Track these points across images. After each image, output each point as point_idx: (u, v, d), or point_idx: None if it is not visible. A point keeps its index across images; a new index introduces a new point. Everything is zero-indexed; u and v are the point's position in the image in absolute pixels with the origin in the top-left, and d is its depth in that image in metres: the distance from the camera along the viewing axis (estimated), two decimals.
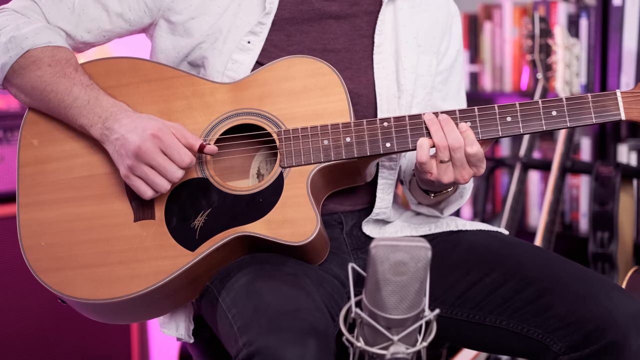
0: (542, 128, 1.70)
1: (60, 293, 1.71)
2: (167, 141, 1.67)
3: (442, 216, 1.92)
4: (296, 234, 1.68)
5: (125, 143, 1.67)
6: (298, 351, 1.45)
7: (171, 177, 1.68)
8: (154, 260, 1.70)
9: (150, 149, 1.66)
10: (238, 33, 1.79)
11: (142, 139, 1.66)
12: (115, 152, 1.70)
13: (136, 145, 1.66)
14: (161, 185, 1.68)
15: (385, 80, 1.83)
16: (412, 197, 1.92)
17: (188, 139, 1.69)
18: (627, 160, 3.19)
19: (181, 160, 1.67)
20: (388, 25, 1.85)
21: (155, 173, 1.67)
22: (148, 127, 1.67)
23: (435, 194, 1.82)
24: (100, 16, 1.82)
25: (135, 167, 1.67)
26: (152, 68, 1.80)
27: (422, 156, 1.68)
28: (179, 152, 1.67)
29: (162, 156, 1.67)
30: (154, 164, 1.66)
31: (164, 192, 1.69)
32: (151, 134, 1.66)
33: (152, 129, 1.67)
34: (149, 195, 1.69)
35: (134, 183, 1.69)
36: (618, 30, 3.16)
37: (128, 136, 1.67)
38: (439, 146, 1.68)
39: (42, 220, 1.75)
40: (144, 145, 1.66)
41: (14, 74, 1.78)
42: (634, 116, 1.69)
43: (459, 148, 1.68)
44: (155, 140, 1.66)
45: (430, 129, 1.69)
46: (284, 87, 1.75)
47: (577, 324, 1.63)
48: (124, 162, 1.68)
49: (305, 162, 1.72)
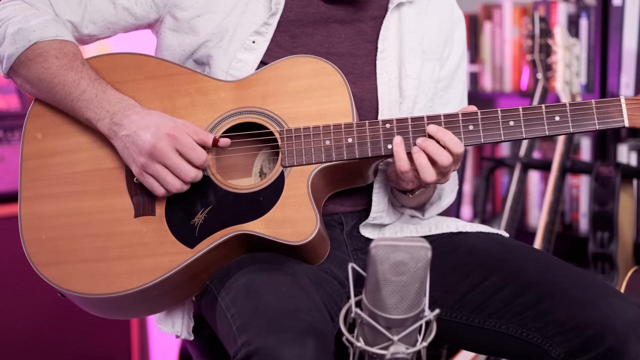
0: (544, 133, 1.70)
1: (59, 287, 1.72)
2: (183, 140, 1.66)
3: (424, 218, 1.91)
4: (295, 234, 1.67)
5: (137, 140, 1.67)
6: (297, 351, 1.45)
7: (185, 177, 1.67)
8: (153, 256, 1.70)
9: (165, 148, 1.66)
10: (244, 32, 1.79)
11: (157, 137, 1.66)
12: (125, 148, 1.70)
13: (151, 144, 1.66)
14: (173, 184, 1.67)
15: (387, 85, 1.83)
16: (396, 200, 1.91)
17: (200, 135, 1.69)
18: (627, 160, 3.20)
19: (197, 159, 1.67)
20: (392, 31, 1.85)
21: (167, 172, 1.67)
22: (162, 125, 1.67)
23: (412, 192, 1.81)
24: (106, 8, 1.81)
25: (149, 165, 1.67)
26: (157, 64, 1.80)
27: (403, 165, 1.69)
28: (195, 151, 1.67)
29: (176, 156, 1.66)
30: (169, 163, 1.66)
31: (175, 191, 1.69)
32: (166, 133, 1.66)
33: (166, 127, 1.67)
34: (160, 193, 1.69)
35: (147, 181, 1.69)
36: (618, 30, 3.16)
37: (140, 134, 1.67)
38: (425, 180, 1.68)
39: (43, 214, 1.75)
40: (158, 144, 1.66)
41: (20, 65, 1.77)
42: (637, 123, 1.68)
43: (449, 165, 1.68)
44: (170, 140, 1.66)
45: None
46: (287, 86, 1.75)
47: (577, 329, 1.63)
48: (137, 160, 1.68)
49: (307, 162, 1.71)
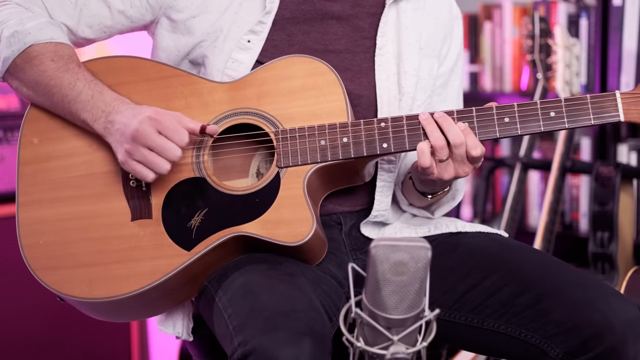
0: (540, 129, 1.69)
1: (57, 291, 1.72)
2: (165, 122, 1.66)
3: (434, 217, 1.91)
4: (291, 235, 1.67)
5: (123, 129, 1.67)
6: (293, 351, 1.44)
7: (172, 157, 1.66)
8: (150, 259, 1.69)
9: (147, 130, 1.65)
10: (238, 32, 1.79)
11: (139, 121, 1.65)
12: (115, 140, 1.69)
13: (134, 128, 1.65)
14: (161, 165, 1.66)
15: (386, 82, 1.82)
16: (404, 198, 1.91)
17: (188, 124, 1.68)
18: (627, 160, 3.19)
19: (180, 140, 1.66)
20: (390, 27, 1.84)
21: (153, 154, 1.66)
22: (144, 111, 1.67)
23: (432, 195, 1.81)
24: (102, 12, 1.81)
25: (133, 150, 1.66)
26: (152, 67, 1.80)
27: (424, 161, 1.66)
28: (178, 132, 1.66)
29: (160, 136, 1.65)
30: (153, 145, 1.65)
31: (164, 172, 1.67)
32: (148, 116, 1.66)
33: (148, 112, 1.66)
34: (150, 178, 1.67)
35: (134, 167, 1.67)
36: (618, 30, 3.15)
37: (127, 121, 1.67)
38: (436, 147, 1.66)
39: (40, 219, 1.75)
40: (140, 127, 1.65)
41: (16, 68, 1.77)
42: (633, 117, 1.68)
43: (461, 144, 1.66)
44: (152, 122, 1.65)
45: (425, 129, 1.68)
46: (282, 86, 1.74)
47: (575, 329, 1.62)
48: (123, 146, 1.67)
49: (302, 162, 1.71)
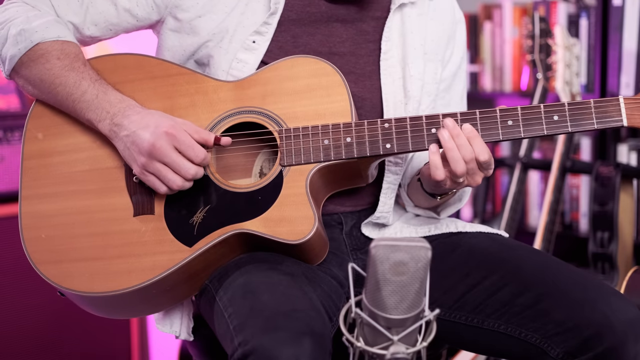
0: (543, 133, 1.69)
1: (58, 285, 1.72)
2: (181, 138, 1.67)
3: (439, 218, 1.91)
4: (293, 232, 1.67)
5: (136, 140, 1.68)
6: (293, 351, 1.45)
7: (185, 174, 1.67)
8: (151, 255, 1.70)
9: (163, 147, 1.66)
10: (244, 32, 1.79)
11: (156, 136, 1.66)
12: (125, 148, 1.70)
13: (150, 143, 1.66)
14: (174, 181, 1.68)
15: (392, 86, 1.83)
16: (409, 200, 1.91)
17: (201, 134, 1.69)
18: (627, 160, 3.19)
19: (196, 156, 1.67)
20: (395, 32, 1.85)
21: (168, 170, 1.67)
22: (160, 124, 1.68)
23: (441, 196, 1.81)
24: (108, 10, 1.82)
25: (149, 164, 1.68)
26: (158, 65, 1.80)
27: (439, 175, 1.68)
28: (193, 149, 1.67)
29: (175, 153, 1.67)
30: (168, 161, 1.67)
31: (177, 189, 1.69)
32: (164, 131, 1.66)
33: (165, 126, 1.67)
34: (163, 190, 1.69)
35: (148, 179, 1.69)
36: (618, 30, 3.15)
37: (140, 133, 1.68)
38: (456, 173, 1.67)
39: (43, 213, 1.76)
40: (157, 142, 1.66)
41: (22, 66, 1.78)
42: (636, 122, 1.68)
43: (471, 160, 1.67)
44: (169, 138, 1.66)
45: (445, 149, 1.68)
46: (286, 86, 1.75)
47: (575, 329, 1.62)
48: (138, 159, 1.68)
49: (305, 161, 1.71)
